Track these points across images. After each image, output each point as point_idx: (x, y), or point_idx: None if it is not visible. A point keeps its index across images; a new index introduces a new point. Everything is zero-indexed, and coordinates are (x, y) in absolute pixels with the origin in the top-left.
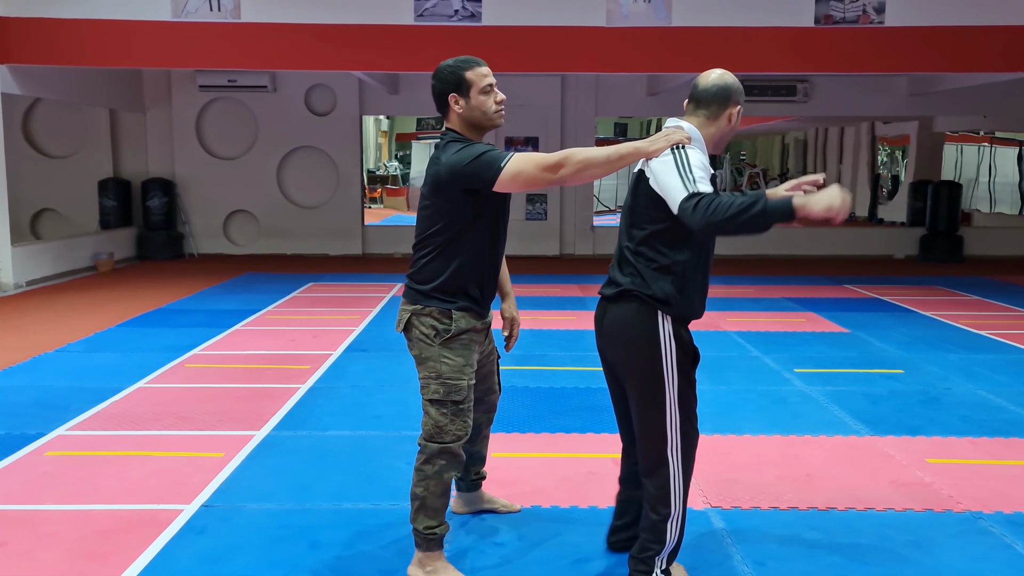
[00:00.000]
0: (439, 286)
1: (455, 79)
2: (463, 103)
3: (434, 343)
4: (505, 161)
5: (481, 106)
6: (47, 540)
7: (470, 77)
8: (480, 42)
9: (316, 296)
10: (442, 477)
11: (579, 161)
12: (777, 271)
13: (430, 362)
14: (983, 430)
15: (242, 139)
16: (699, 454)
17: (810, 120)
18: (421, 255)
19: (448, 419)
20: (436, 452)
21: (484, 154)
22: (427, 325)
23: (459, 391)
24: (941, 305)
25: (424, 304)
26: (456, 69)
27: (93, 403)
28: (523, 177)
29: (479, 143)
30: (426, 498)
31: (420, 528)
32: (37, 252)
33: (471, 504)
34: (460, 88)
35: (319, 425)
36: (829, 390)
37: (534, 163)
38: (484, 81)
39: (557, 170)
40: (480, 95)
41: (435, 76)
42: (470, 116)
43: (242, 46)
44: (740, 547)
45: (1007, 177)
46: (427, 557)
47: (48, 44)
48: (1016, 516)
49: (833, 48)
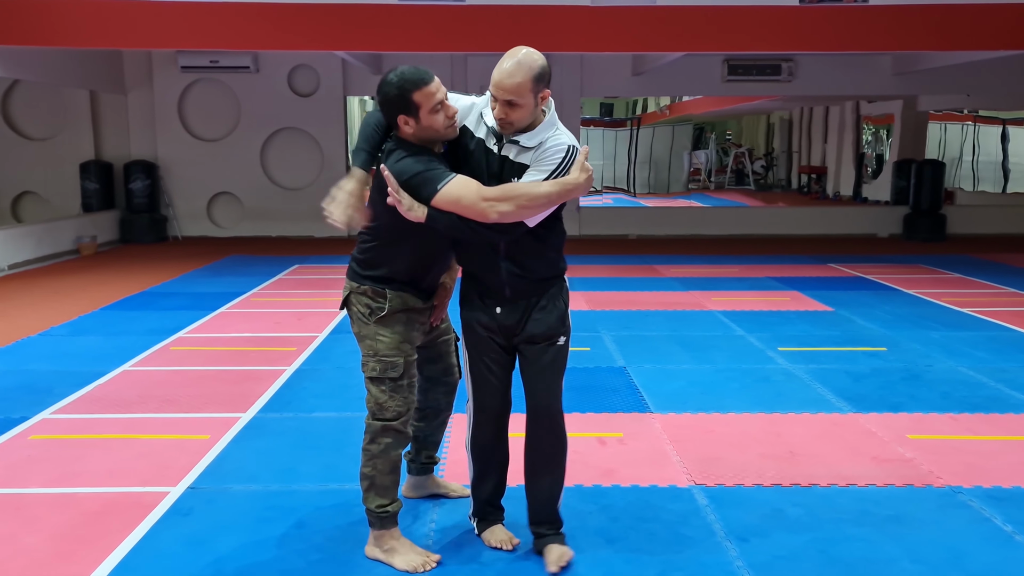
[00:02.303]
0: (377, 273)
1: (401, 101)
2: (412, 123)
3: (369, 321)
4: (444, 182)
5: (432, 125)
6: (32, 524)
7: (418, 99)
8: (464, 22)
9: (301, 278)
10: (388, 455)
11: (521, 197)
12: (761, 250)
13: (367, 340)
14: (964, 406)
15: (225, 120)
16: (683, 432)
17: (795, 99)
18: (366, 239)
19: (387, 396)
20: (379, 430)
21: (424, 172)
22: (363, 303)
23: (395, 367)
24: (924, 283)
25: (360, 283)
26: (403, 90)
27: (77, 386)
28: (462, 204)
29: (424, 154)
30: (375, 477)
31: (373, 507)
32: (19, 236)
33: (420, 488)
34: (408, 109)
35: (305, 407)
36: (812, 368)
37: (474, 191)
38: (433, 100)
39: (497, 203)
40: (430, 115)
41: (380, 92)
42: (421, 135)
43: (224, 26)
44: (723, 524)
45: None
46: (383, 535)
47: (26, 24)
48: (995, 490)
49: (817, 27)
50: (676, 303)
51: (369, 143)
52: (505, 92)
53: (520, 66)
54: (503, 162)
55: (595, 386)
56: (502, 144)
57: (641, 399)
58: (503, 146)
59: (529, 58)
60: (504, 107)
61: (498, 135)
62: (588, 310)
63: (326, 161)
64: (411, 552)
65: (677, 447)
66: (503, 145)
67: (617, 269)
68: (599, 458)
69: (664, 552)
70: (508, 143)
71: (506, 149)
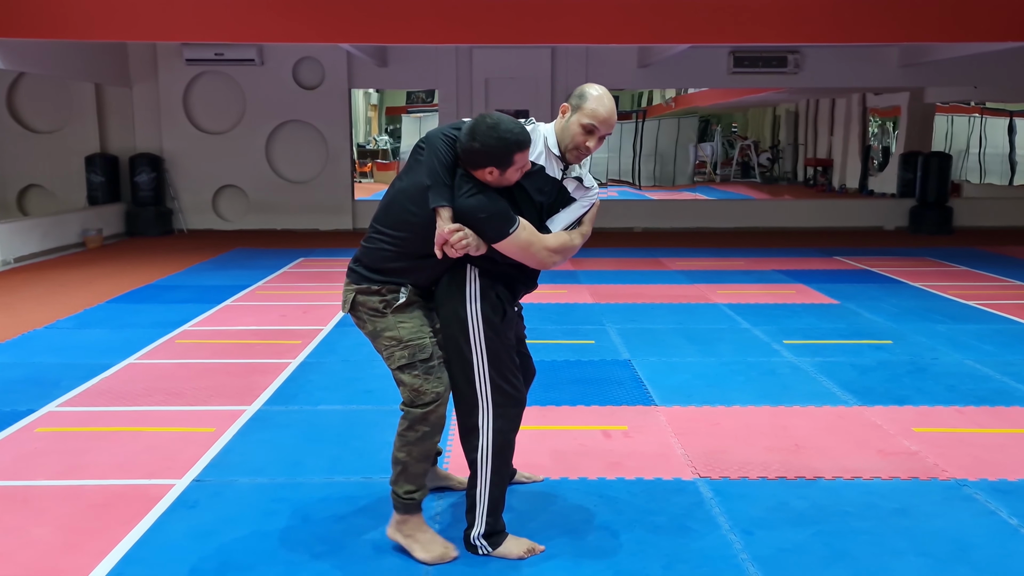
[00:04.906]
0: (389, 278)
1: (503, 155)
2: (496, 175)
3: (386, 312)
4: (515, 227)
5: (511, 180)
6: (39, 516)
7: (517, 159)
8: (470, 13)
9: (306, 271)
10: (425, 443)
11: (569, 251)
12: (767, 243)
13: (387, 332)
14: (969, 399)
15: (230, 113)
16: (687, 425)
17: (801, 92)
18: (383, 243)
19: (422, 379)
20: (419, 418)
21: (496, 213)
22: (374, 300)
23: (423, 349)
24: (930, 276)
25: (368, 284)
26: (508, 148)
27: (83, 379)
28: (530, 251)
29: (490, 191)
30: (408, 463)
31: (400, 492)
32: (25, 228)
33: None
34: (502, 164)
35: (310, 400)
36: (818, 361)
37: (541, 241)
38: (526, 160)
39: (555, 255)
40: (516, 172)
41: (476, 139)
42: (495, 184)
43: (229, 18)
44: (728, 517)
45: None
46: (406, 520)
47: (31, 17)
48: (1000, 483)
49: (824, 18)
50: (681, 296)
51: (450, 178)
52: (610, 127)
53: (613, 102)
54: (561, 192)
55: (600, 379)
56: (564, 174)
57: (646, 392)
58: (565, 177)
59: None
60: (597, 140)
61: (560, 162)
62: (593, 303)
63: (331, 154)
64: (432, 542)
65: (682, 440)
66: (565, 176)
67: (622, 262)
68: (604, 451)
69: (669, 545)
70: (571, 178)
71: (567, 181)
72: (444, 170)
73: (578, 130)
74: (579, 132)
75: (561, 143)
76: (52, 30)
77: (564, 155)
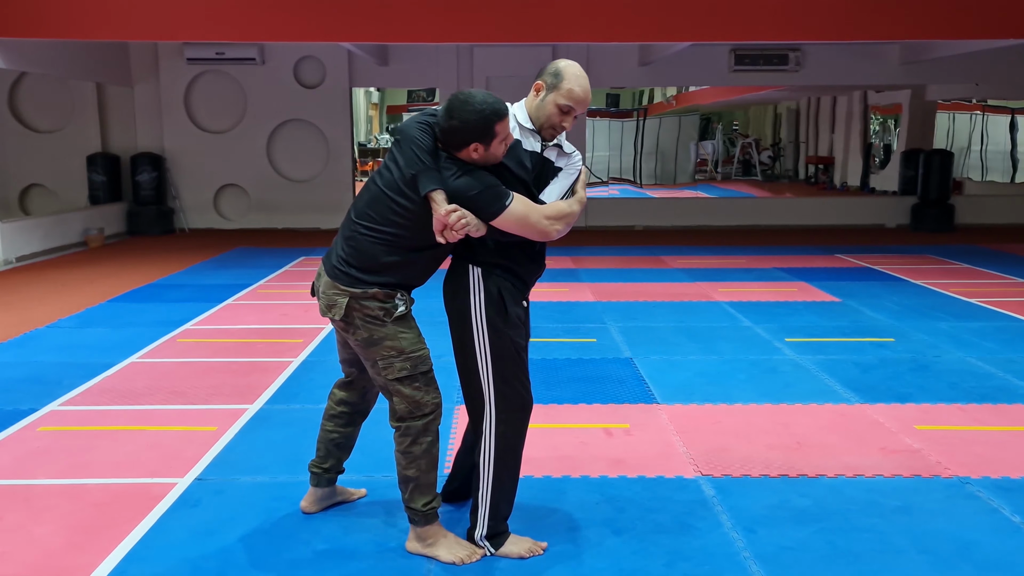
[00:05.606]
0: (387, 279)
1: (483, 128)
2: (481, 151)
3: (386, 321)
4: (509, 201)
5: (497, 153)
6: (41, 515)
7: (499, 129)
8: (470, 11)
9: (308, 270)
10: (431, 453)
11: (568, 216)
12: (768, 241)
13: (386, 341)
14: (971, 397)
15: (231, 112)
16: (689, 423)
17: (802, 89)
18: (372, 239)
19: (422, 392)
20: (422, 429)
21: (487, 189)
22: (373, 307)
23: (424, 361)
24: (932, 273)
25: (365, 288)
26: (487, 119)
27: (85, 378)
28: (528, 222)
29: (477, 169)
30: (418, 478)
31: (418, 507)
32: (26, 228)
33: (326, 500)
34: (484, 137)
35: (312, 398)
36: (820, 359)
37: (537, 210)
38: (507, 130)
39: (555, 222)
40: (500, 144)
41: (454, 117)
42: (482, 161)
43: (230, 17)
44: (730, 515)
45: (999, 145)
46: (427, 531)
47: (32, 16)
48: (1003, 481)
49: (825, 16)
50: (683, 294)
51: (435, 163)
52: (586, 107)
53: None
54: (544, 163)
55: (601, 377)
56: (543, 146)
57: (648, 390)
58: (544, 147)
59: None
60: (572, 119)
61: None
62: (594, 301)
63: (332, 153)
64: (456, 544)
65: (684, 438)
66: (544, 147)
67: (623, 260)
68: (606, 449)
69: (671, 543)
70: (551, 146)
71: (548, 151)
72: (427, 155)
73: (554, 110)
74: (555, 112)
75: (536, 121)
76: (53, 30)
77: (539, 131)
